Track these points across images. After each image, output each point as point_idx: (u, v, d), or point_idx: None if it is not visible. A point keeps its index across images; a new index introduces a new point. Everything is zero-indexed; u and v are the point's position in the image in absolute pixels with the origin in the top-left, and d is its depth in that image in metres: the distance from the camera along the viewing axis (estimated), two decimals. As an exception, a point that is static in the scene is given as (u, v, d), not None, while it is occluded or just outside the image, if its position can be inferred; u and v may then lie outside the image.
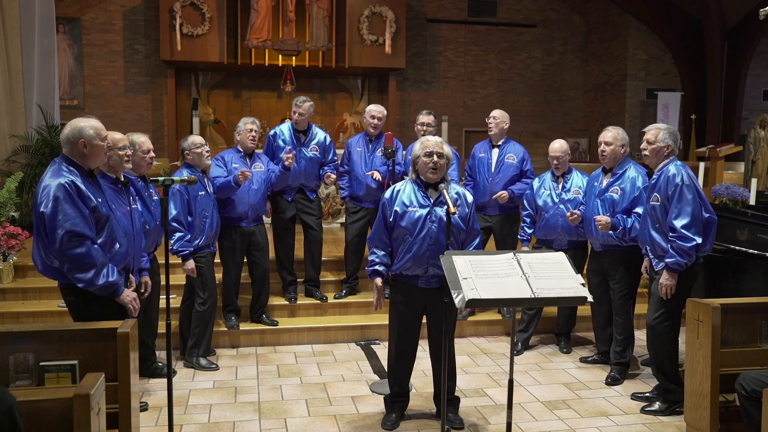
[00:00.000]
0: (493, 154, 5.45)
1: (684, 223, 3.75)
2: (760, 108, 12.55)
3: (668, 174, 3.86)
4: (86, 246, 3.13)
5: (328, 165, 5.55)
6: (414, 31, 12.68)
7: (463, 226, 3.61)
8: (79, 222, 3.12)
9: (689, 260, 3.79)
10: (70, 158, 3.25)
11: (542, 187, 5.03)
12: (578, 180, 4.95)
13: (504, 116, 5.48)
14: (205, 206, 4.63)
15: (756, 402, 3.02)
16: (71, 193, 3.13)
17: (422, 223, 3.54)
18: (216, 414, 3.96)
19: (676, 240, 3.78)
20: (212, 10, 10.84)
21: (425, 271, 3.59)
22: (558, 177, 4.99)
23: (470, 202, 3.69)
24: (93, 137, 3.25)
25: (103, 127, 3.34)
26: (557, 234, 4.93)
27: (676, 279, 3.82)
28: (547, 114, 13.62)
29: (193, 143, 4.66)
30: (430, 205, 3.56)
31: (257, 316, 5.32)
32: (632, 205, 4.37)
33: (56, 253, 3.15)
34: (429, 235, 3.53)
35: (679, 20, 12.13)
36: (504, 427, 3.01)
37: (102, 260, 3.19)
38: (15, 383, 2.86)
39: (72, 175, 3.18)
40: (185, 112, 11.72)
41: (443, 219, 3.49)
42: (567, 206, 4.86)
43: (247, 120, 5.13)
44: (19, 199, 6.96)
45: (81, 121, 3.28)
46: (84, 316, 3.28)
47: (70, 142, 3.24)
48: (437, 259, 3.35)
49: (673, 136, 3.96)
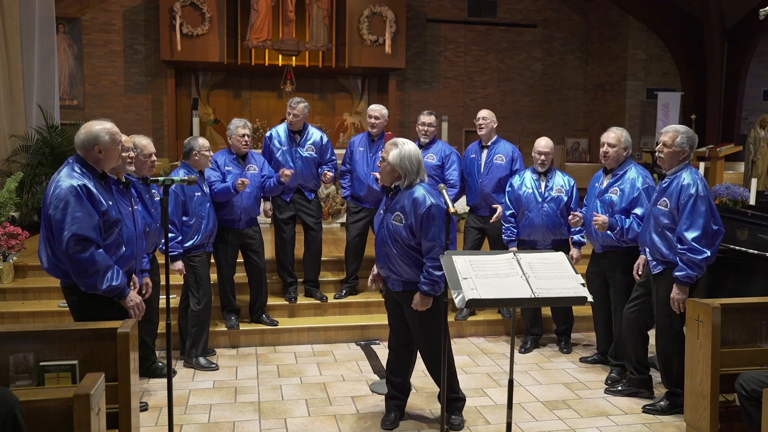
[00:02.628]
0: (482, 156, 5.43)
1: (695, 236, 3.69)
2: (760, 108, 12.55)
3: (682, 182, 3.78)
4: (90, 251, 3.14)
5: (325, 164, 5.55)
6: (414, 31, 12.68)
7: (406, 235, 3.47)
8: (85, 226, 3.13)
9: (700, 273, 3.74)
10: (85, 160, 3.26)
11: (523, 185, 5.01)
12: (559, 179, 4.96)
13: (491, 115, 5.43)
14: (201, 207, 4.61)
15: (756, 402, 3.02)
16: (82, 195, 3.14)
17: (378, 227, 3.66)
18: (216, 414, 3.96)
19: (686, 252, 3.71)
20: (212, 10, 10.84)
21: (387, 273, 3.66)
22: (540, 175, 4.99)
23: (422, 212, 3.41)
24: (108, 143, 3.26)
25: (118, 131, 3.36)
26: (541, 233, 4.93)
27: (686, 292, 3.80)
28: (547, 114, 13.62)
29: (204, 146, 4.66)
30: (384, 209, 3.63)
31: (257, 316, 5.32)
32: (631, 205, 4.33)
33: (61, 255, 3.16)
34: (382, 239, 3.60)
35: (679, 20, 12.13)
36: (504, 427, 3.01)
37: (106, 264, 3.19)
38: (15, 383, 2.86)
39: (85, 178, 3.20)
40: (185, 112, 11.73)
41: (389, 225, 3.53)
42: (551, 205, 4.87)
43: (238, 123, 5.01)
44: (19, 199, 6.96)
45: (96, 125, 3.28)
46: (86, 316, 3.29)
47: (84, 147, 3.25)
48: (392, 265, 3.53)
49: (690, 141, 3.87)
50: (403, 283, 3.58)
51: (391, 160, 3.47)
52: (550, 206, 4.88)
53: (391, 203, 3.55)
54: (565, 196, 4.90)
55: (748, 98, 12.34)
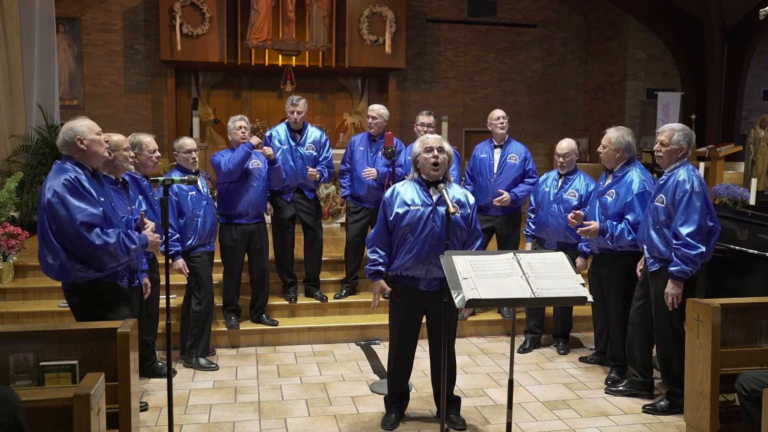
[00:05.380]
0: (495, 155, 5.44)
1: (689, 231, 3.71)
2: (760, 108, 12.54)
3: (678, 178, 3.81)
4: (102, 235, 3.17)
5: (319, 162, 5.54)
6: (414, 31, 12.68)
7: (464, 226, 3.60)
8: (89, 212, 3.16)
9: (694, 268, 3.75)
10: (73, 158, 3.27)
11: (545, 184, 5.05)
12: (579, 182, 4.92)
13: (506, 116, 5.53)
14: (196, 206, 4.61)
15: (756, 402, 3.02)
16: (76, 187, 3.16)
17: (424, 223, 3.51)
18: (216, 414, 3.96)
19: (681, 248, 3.73)
20: (212, 10, 10.83)
21: (426, 273, 3.56)
22: (562, 176, 4.99)
23: (472, 203, 3.68)
24: (86, 132, 3.28)
25: (95, 124, 3.37)
26: (547, 234, 4.94)
27: (681, 287, 3.80)
28: (547, 114, 13.61)
29: (182, 146, 4.65)
30: (432, 204, 3.53)
31: (257, 316, 5.32)
32: (624, 210, 4.27)
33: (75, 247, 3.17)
34: (431, 234, 3.50)
35: (679, 20, 12.12)
36: (504, 427, 3.01)
37: (117, 236, 3.23)
38: (15, 383, 2.86)
39: (75, 173, 3.21)
40: (185, 112, 11.72)
41: (445, 218, 3.48)
42: (559, 207, 4.87)
43: (235, 118, 5.14)
44: (19, 199, 6.96)
45: (71, 122, 3.33)
46: (87, 317, 3.29)
47: (66, 143, 3.27)
48: (438, 260, 3.31)
49: (687, 139, 3.90)
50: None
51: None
52: (558, 208, 4.87)
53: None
54: (575, 200, 4.87)
55: (748, 98, 12.33)
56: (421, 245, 3.52)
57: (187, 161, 4.66)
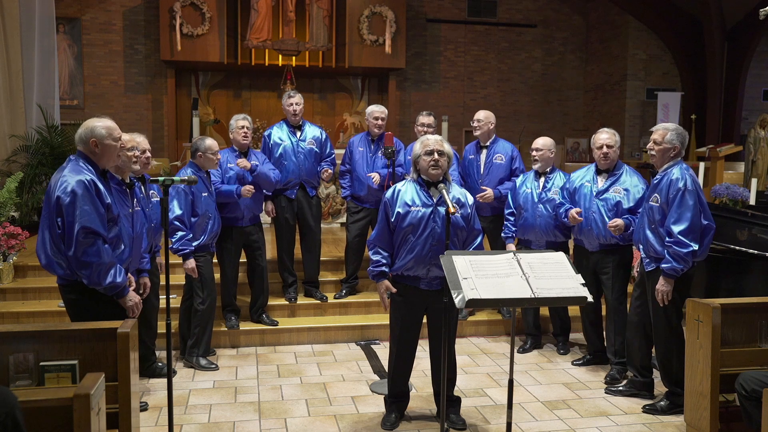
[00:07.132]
0: (481, 156, 5.43)
1: (682, 229, 3.72)
2: (760, 108, 12.55)
3: (671, 177, 3.82)
4: (98, 245, 3.15)
5: (325, 160, 5.55)
6: (414, 31, 12.68)
7: (464, 226, 3.61)
8: (94, 220, 3.15)
9: (686, 266, 3.76)
10: (86, 156, 3.28)
11: (524, 185, 5.01)
12: (559, 180, 4.93)
13: (489, 116, 5.44)
14: (208, 207, 4.63)
15: (756, 402, 3.03)
16: (90, 190, 3.16)
17: (425, 223, 3.52)
18: (216, 414, 3.96)
19: (672, 245, 3.74)
20: (212, 10, 10.84)
21: (427, 272, 3.57)
22: (540, 175, 4.98)
23: (471, 202, 3.69)
24: (104, 137, 3.27)
25: (117, 128, 3.36)
26: (535, 234, 4.93)
27: (672, 285, 3.81)
28: (547, 114, 13.62)
29: (210, 148, 4.66)
30: (433, 205, 3.54)
31: (257, 316, 5.32)
32: (637, 205, 4.35)
33: (69, 248, 3.15)
34: (432, 234, 3.52)
35: (679, 20, 12.13)
36: (504, 427, 3.01)
37: (110, 260, 3.21)
38: (15, 383, 2.86)
39: (90, 174, 3.21)
40: (185, 112, 11.73)
41: (445, 218, 3.48)
42: (546, 206, 4.86)
43: (238, 117, 5.13)
44: (19, 199, 6.96)
45: (94, 121, 3.31)
46: (82, 314, 3.28)
47: (82, 140, 3.28)
48: (439, 260, 3.31)
49: (680, 138, 3.90)
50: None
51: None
52: (545, 207, 4.87)
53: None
54: (560, 198, 4.88)
55: (748, 98, 12.34)
56: (422, 245, 3.53)
57: (212, 162, 4.69)
